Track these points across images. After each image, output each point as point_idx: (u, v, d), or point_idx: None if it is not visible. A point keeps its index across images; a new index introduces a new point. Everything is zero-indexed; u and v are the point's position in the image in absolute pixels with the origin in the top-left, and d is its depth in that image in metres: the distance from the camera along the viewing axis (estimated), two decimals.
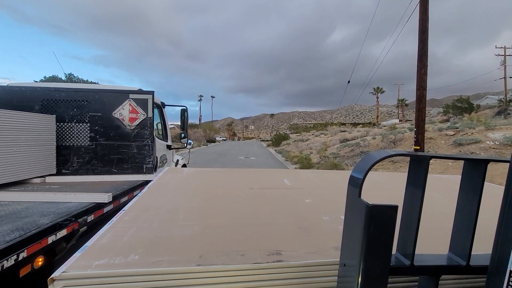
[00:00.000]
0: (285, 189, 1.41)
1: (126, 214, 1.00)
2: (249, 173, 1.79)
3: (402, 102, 63.63)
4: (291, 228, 0.93)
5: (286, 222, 0.99)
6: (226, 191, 1.32)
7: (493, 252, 0.47)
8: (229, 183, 1.49)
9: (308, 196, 1.30)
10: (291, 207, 1.16)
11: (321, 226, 0.97)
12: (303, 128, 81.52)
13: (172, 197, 1.17)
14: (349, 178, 0.56)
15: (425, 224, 0.63)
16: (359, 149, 16.41)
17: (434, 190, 1.50)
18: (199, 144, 36.52)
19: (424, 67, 6.49)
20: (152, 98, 3.79)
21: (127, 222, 0.93)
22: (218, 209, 1.09)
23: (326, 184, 1.54)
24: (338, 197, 1.30)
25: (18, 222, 1.91)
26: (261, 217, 1.03)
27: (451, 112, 30.46)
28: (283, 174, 1.77)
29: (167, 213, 0.96)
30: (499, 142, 10.16)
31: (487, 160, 0.58)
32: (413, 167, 0.61)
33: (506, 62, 33.09)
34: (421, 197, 0.57)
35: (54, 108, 3.55)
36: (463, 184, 0.62)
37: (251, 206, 1.13)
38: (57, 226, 1.95)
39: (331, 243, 0.87)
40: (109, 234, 0.89)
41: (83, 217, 2.22)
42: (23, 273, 1.68)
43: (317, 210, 1.13)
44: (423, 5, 6.53)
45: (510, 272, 0.43)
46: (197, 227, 0.93)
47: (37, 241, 1.72)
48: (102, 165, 3.66)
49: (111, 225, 0.91)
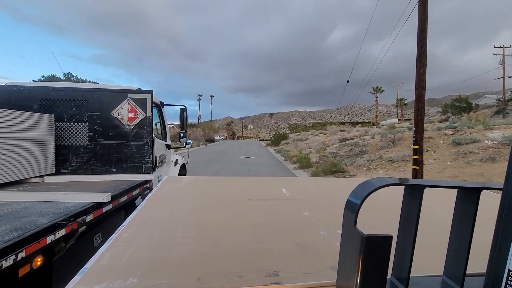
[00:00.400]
0: (283, 200, 1.43)
1: (125, 230, 1.01)
2: (248, 182, 1.81)
3: (401, 101, 63.76)
4: (289, 246, 0.95)
5: (283, 238, 1.02)
6: (225, 204, 1.34)
7: (486, 278, 0.49)
8: (228, 194, 1.51)
9: (306, 208, 1.31)
10: (289, 221, 1.18)
11: (318, 243, 0.99)
12: (302, 127, 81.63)
13: (170, 211, 1.18)
14: (346, 202, 0.57)
15: (421, 240, 0.64)
16: (358, 148, 16.44)
17: (430, 200, 1.51)
18: (198, 143, 36.50)
19: (423, 66, 6.50)
20: (151, 97, 3.78)
21: (126, 240, 0.94)
22: (217, 223, 1.11)
23: (324, 194, 1.55)
24: (335, 209, 1.32)
25: (17, 222, 1.90)
26: (259, 233, 1.05)
27: (450, 112, 30.55)
28: (282, 182, 1.78)
29: (166, 230, 0.97)
30: (498, 142, 10.19)
31: (480, 189, 0.60)
32: (408, 195, 0.62)
33: (504, 61, 33.17)
34: (416, 225, 0.59)
35: (52, 107, 3.54)
36: (456, 211, 0.63)
37: (249, 220, 1.15)
38: (56, 226, 1.95)
39: (328, 262, 0.88)
40: (109, 254, 0.89)
41: (82, 217, 2.21)
42: (22, 273, 1.67)
43: (314, 224, 1.14)
44: (422, 5, 6.53)
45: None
46: (195, 245, 0.94)
47: (36, 241, 1.72)
48: (101, 164, 3.65)
49: (110, 243, 0.91)
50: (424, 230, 0.69)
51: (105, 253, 0.91)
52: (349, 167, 12.55)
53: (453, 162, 9.83)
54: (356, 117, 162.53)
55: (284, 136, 42.96)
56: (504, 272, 0.45)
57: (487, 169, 8.45)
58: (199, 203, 1.31)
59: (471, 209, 0.60)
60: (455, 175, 8.69)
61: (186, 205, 1.22)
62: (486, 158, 9.11)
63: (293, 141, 33.81)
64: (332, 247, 0.95)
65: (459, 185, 0.61)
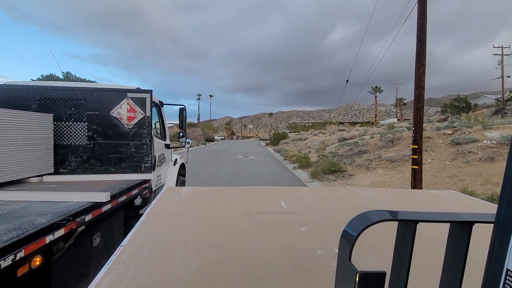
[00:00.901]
0: (281, 213, 1.43)
1: (124, 251, 1.01)
2: (246, 193, 1.81)
3: (400, 101, 63.84)
4: (286, 267, 0.95)
5: (281, 258, 1.02)
6: (223, 219, 1.34)
7: (484, 277, 0.49)
8: (226, 207, 1.51)
9: (304, 223, 1.31)
10: (287, 238, 1.18)
11: (315, 263, 0.99)
12: (302, 127, 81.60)
13: (169, 228, 1.19)
14: (343, 231, 0.59)
15: (416, 259, 0.66)
16: (357, 148, 16.45)
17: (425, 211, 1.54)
18: (197, 143, 36.48)
19: (422, 66, 6.51)
20: (150, 97, 3.77)
21: (125, 262, 0.93)
22: (215, 243, 1.12)
23: (322, 207, 1.56)
24: (333, 223, 1.32)
25: (16, 221, 1.90)
26: (257, 251, 1.05)
27: (449, 112, 30.61)
28: (280, 193, 1.78)
29: (165, 249, 0.98)
30: (496, 141, 10.22)
31: (472, 222, 0.61)
32: (401, 230, 0.63)
33: (503, 61, 33.24)
34: (409, 260, 0.60)
35: (51, 107, 3.53)
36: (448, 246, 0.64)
37: (247, 239, 1.15)
38: (55, 225, 1.94)
39: (324, 285, 0.88)
40: (108, 278, 0.89)
41: (81, 216, 2.21)
42: (20, 272, 1.67)
43: (312, 242, 1.15)
44: (421, 5, 6.54)
45: None
46: (193, 266, 0.94)
47: (35, 241, 1.71)
48: (100, 164, 3.64)
49: (110, 266, 0.91)
50: (419, 247, 0.70)
51: (105, 276, 0.90)
52: (348, 167, 12.56)
53: (452, 162, 9.86)
54: (355, 116, 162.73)
55: (284, 135, 42.97)
56: (503, 272, 0.45)
57: (486, 169, 8.47)
58: (197, 219, 1.31)
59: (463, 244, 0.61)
60: (454, 175, 8.71)
61: (184, 222, 1.22)
62: (484, 158, 9.14)
63: (292, 141, 33.83)
64: (329, 268, 0.95)
65: (451, 219, 0.62)
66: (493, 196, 6.17)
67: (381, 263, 0.98)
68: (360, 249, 0.56)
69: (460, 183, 7.96)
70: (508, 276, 0.44)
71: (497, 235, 0.47)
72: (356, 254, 0.55)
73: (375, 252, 1.03)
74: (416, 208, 1.57)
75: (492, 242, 0.48)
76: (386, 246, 0.82)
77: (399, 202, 1.70)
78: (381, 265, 0.95)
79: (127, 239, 1.08)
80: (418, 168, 6.67)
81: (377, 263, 0.99)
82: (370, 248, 1.07)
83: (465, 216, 0.63)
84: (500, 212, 0.46)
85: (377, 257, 1.01)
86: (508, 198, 0.45)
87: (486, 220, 0.60)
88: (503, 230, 0.46)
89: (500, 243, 0.46)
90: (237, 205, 1.53)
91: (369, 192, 1.89)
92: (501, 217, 0.46)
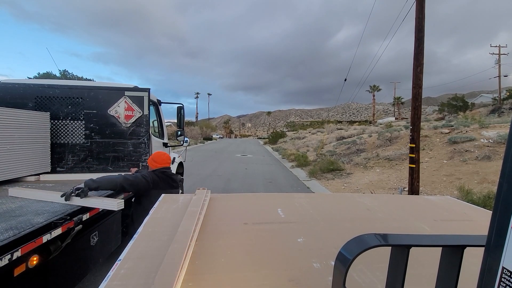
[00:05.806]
0: (279, 223, 1.41)
1: (122, 266, 1.00)
2: (243, 200, 1.81)
3: (398, 100, 64.01)
4: (283, 281, 0.94)
5: (277, 272, 1.01)
6: (221, 229, 1.33)
7: (480, 276, 0.50)
8: (223, 216, 1.50)
9: (301, 233, 1.30)
10: (283, 250, 1.17)
11: (311, 277, 0.98)
12: (300, 126, 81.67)
13: (166, 239, 1.17)
14: (338, 254, 0.59)
15: (411, 271, 0.66)
16: (355, 146, 16.50)
17: (421, 219, 1.53)
18: (195, 141, 36.40)
19: (420, 65, 6.52)
20: (148, 95, 3.76)
21: (123, 278, 0.92)
22: (212, 256, 1.11)
23: (319, 215, 1.55)
24: (329, 235, 1.32)
25: (12, 221, 1.89)
26: (254, 267, 1.04)
27: (446, 110, 30.76)
28: (277, 200, 1.78)
29: (163, 264, 0.97)
30: (493, 140, 10.28)
31: (464, 246, 0.62)
32: (394, 254, 0.63)
33: (500, 61, 33.41)
34: (402, 284, 0.60)
35: (48, 105, 3.51)
36: (441, 267, 0.65)
37: (244, 253, 1.14)
38: (52, 225, 1.94)
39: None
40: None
41: (78, 215, 2.20)
42: (17, 272, 1.66)
43: (308, 254, 1.14)
44: (419, 4, 6.55)
45: None
46: (191, 283, 0.94)
47: (32, 240, 1.71)
48: (98, 163, 3.63)
49: (107, 282, 0.90)
50: (414, 259, 0.71)
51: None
52: (346, 166, 12.60)
53: (449, 161, 9.91)
54: (353, 115, 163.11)
55: (282, 134, 42.99)
56: (498, 269, 0.45)
57: (482, 167, 8.52)
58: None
59: (454, 267, 0.61)
60: (451, 173, 8.76)
61: (182, 232, 1.21)
62: (481, 157, 9.19)
63: (290, 140, 33.86)
64: (325, 283, 0.95)
65: (443, 242, 0.63)
66: (489, 194, 6.21)
67: (376, 275, 0.97)
68: (355, 262, 0.56)
69: (457, 181, 8.01)
70: (503, 274, 0.45)
71: (493, 231, 0.47)
72: (351, 267, 0.56)
73: (370, 265, 1.03)
74: (412, 215, 1.58)
75: (488, 239, 0.48)
76: (382, 258, 0.83)
77: (395, 209, 1.71)
78: (376, 278, 0.95)
79: (124, 253, 1.07)
80: (416, 167, 6.70)
81: (372, 276, 0.98)
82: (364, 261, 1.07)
83: (457, 240, 0.64)
84: (495, 214, 0.47)
85: (372, 271, 1.00)
86: (505, 193, 0.45)
87: (478, 243, 0.61)
88: (492, 256, 0.47)
89: (496, 241, 0.46)
90: (234, 214, 1.52)
91: (365, 198, 1.89)
92: (496, 219, 0.47)
